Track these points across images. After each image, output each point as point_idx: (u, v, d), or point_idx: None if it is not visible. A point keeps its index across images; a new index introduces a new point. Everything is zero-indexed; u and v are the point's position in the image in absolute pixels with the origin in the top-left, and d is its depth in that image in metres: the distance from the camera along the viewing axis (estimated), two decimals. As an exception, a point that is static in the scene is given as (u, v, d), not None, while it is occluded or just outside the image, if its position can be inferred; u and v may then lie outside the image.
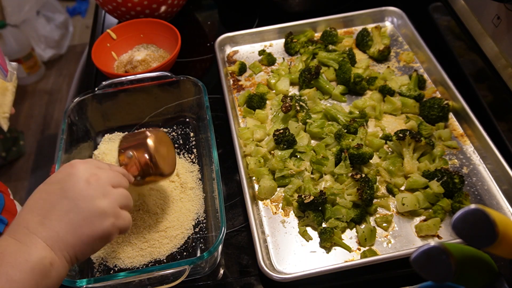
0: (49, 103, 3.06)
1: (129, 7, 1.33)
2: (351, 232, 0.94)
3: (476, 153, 1.05)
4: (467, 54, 1.22)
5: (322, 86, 1.19)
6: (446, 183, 0.95)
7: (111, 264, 0.92)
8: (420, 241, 0.92)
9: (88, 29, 3.41)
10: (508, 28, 1.04)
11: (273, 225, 0.97)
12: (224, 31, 1.35)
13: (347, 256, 0.91)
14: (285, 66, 1.26)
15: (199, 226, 0.97)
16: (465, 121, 1.09)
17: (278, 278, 0.85)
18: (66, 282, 0.78)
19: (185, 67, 1.35)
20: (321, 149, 1.05)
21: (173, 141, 1.13)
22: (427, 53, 1.22)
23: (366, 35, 1.29)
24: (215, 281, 0.91)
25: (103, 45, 1.29)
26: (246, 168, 1.03)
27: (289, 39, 1.31)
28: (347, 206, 0.95)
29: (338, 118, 1.11)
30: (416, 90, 1.15)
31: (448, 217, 0.95)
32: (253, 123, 1.13)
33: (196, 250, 0.94)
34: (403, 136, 1.01)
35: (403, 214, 0.96)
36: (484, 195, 0.98)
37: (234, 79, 1.27)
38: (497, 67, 1.10)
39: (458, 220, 0.54)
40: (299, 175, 1.01)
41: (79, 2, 3.63)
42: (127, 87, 1.11)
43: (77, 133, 1.09)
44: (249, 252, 0.94)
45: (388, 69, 1.22)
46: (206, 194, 1.01)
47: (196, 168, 1.07)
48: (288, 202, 0.99)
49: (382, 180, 1.01)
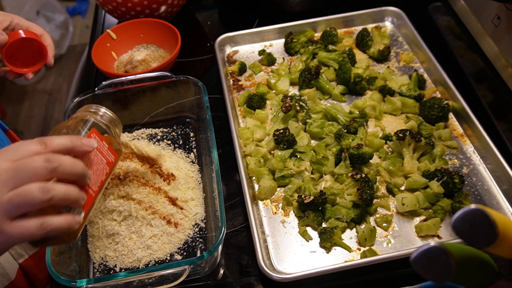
0: (49, 103, 3.06)
1: (129, 7, 1.33)
2: (351, 232, 0.94)
3: (476, 153, 1.05)
4: (467, 54, 1.22)
5: (322, 86, 1.19)
6: (446, 183, 0.95)
7: (111, 264, 0.92)
8: (420, 241, 0.92)
9: (88, 29, 3.41)
10: (508, 28, 1.04)
11: (273, 225, 0.97)
12: (224, 31, 1.35)
13: (347, 256, 0.91)
14: (285, 66, 1.26)
15: (199, 226, 0.97)
16: (465, 121, 1.09)
17: (278, 278, 0.85)
18: (66, 282, 0.78)
19: (185, 67, 1.35)
20: (321, 149, 1.05)
21: (173, 141, 1.13)
22: (427, 53, 1.22)
23: (366, 35, 1.29)
24: (215, 281, 0.91)
25: (103, 45, 1.29)
26: (246, 168, 1.03)
27: (289, 39, 1.31)
28: (347, 206, 0.95)
29: (338, 118, 1.11)
30: (416, 90, 1.15)
31: (448, 217, 0.95)
32: (253, 123, 1.13)
33: (196, 250, 0.94)
34: (403, 136, 1.01)
35: (403, 214, 0.96)
36: (484, 195, 0.98)
37: (234, 79, 1.27)
38: (497, 67, 1.10)
39: (458, 220, 0.54)
40: (299, 175, 1.01)
41: (79, 2, 3.63)
42: (127, 87, 1.11)
43: (77, 133, 1.09)
44: (249, 252, 0.94)
45: (388, 69, 1.22)
46: (206, 194, 1.01)
47: (196, 168, 1.07)
48: (288, 202, 0.99)
49: (382, 180, 1.01)
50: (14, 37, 0.95)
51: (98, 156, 0.74)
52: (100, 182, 0.74)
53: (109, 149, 0.77)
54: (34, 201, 0.59)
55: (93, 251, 0.94)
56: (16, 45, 0.96)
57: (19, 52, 0.98)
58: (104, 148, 0.76)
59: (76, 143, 0.66)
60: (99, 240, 0.94)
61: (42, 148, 0.63)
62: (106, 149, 0.77)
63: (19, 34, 0.96)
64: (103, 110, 0.82)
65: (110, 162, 0.77)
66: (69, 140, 0.66)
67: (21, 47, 0.98)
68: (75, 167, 0.64)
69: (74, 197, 0.64)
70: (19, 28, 0.98)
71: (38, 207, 0.60)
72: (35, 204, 0.60)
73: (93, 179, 0.72)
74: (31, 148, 0.62)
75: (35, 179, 0.60)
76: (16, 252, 0.99)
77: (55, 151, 0.63)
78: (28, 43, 0.98)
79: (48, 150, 0.63)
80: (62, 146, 0.64)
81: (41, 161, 0.60)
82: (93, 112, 0.80)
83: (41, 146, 0.63)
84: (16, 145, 0.63)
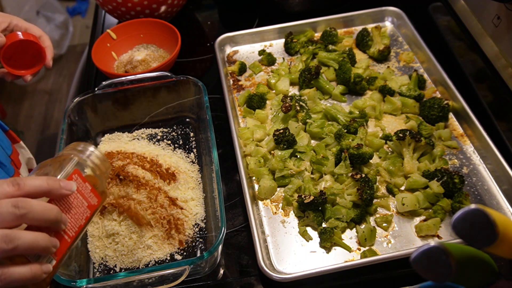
0: (49, 103, 3.06)
1: (129, 7, 1.33)
2: (351, 232, 0.94)
3: (476, 153, 1.05)
4: (467, 54, 1.22)
5: (322, 86, 1.19)
6: (446, 183, 0.95)
7: (111, 264, 0.92)
8: (420, 241, 0.92)
9: (88, 29, 3.40)
10: (508, 28, 1.04)
11: (273, 225, 0.97)
12: (224, 31, 1.35)
13: (347, 256, 0.91)
14: (285, 66, 1.26)
15: (199, 226, 0.97)
16: (465, 121, 1.09)
17: (278, 278, 0.85)
18: (66, 282, 0.78)
19: (185, 67, 1.35)
20: (321, 149, 1.05)
21: (173, 141, 1.13)
22: (427, 53, 1.22)
23: (366, 35, 1.29)
24: (215, 281, 0.91)
25: (103, 45, 1.29)
26: (246, 168, 1.03)
27: (289, 39, 1.31)
28: (347, 206, 0.95)
29: (338, 118, 1.11)
30: (416, 90, 1.15)
31: (448, 217, 0.95)
32: (253, 123, 1.13)
33: (196, 250, 0.94)
34: (403, 136, 1.01)
35: (403, 214, 0.96)
36: (484, 195, 0.98)
37: (234, 79, 1.27)
38: (497, 67, 1.10)
39: (458, 220, 0.54)
40: (299, 175, 1.01)
41: (79, 2, 3.63)
42: (127, 87, 1.11)
43: (77, 133, 1.09)
44: (249, 252, 0.94)
45: (388, 69, 1.22)
46: (206, 194, 1.01)
47: (196, 168, 1.07)
48: (288, 202, 0.99)
49: (382, 180, 1.01)
50: (12, 39, 0.94)
51: (78, 199, 0.69)
52: (79, 227, 0.69)
53: (92, 191, 0.72)
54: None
55: (93, 251, 0.94)
56: (14, 47, 0.95)
57: (17, 54, 0.98)
58: (87, 190, 0.71)
59: (53, 186, 0.61)
60: (99, 240, 0.94)
61: (15, 190, 0.58)
62: (89, 191, 0.71)
63: (17, 36, 0.95)
64: (91, 149, 0.76)
65: (92, 205, 0.72)
66: (45, 182, 0.61)
67: (19, 49, 0.97)
68: (47, 213, 0.59)
69: (43, 246, 0.59)
70: (17, 29, 0.98)
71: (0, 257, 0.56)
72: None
73: (70, 224, 0.66)
74: (3, 189, 0.58)
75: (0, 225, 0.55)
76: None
77: (29, 194, 0.59)
78: (26, 45, 0.97)
79: (20, 193, 0.58)
80: (37, 189, 0.60)
81: (9, 206, 0.56)
82: (80, 151, 0.75)
83: (14, 187, 0.58)
84: None
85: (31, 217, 0.57)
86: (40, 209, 0.58)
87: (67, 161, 0.71)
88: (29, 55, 1.00)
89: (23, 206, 0.57)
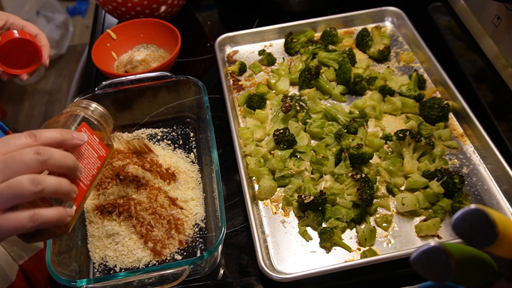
0: (49, 103, 3.06)
1: (129, 7, 1.33)
2: (351, 232, 0.94)
3: (476, 153, 1.05)
4: (467, 54, 1.22)
5: (322, 86, 1.19)
6: (446, 183, 0.95)
7: (111, 264, 0.92)
8: (420, 241, 0.92)
9: (88, 29, 3.40)
10: (508, 28, 1.04)
11: (273, 225, 0.97)
12: (224, 31, 1.35)
13: (347, 256, 0.91)
14: (285, 66, 1.26)
15: (199, 226, 0.97)
16: (465, 121, 1.09)
17: (278, 278, 0.85)
18: (66, 282, 0.78)
19: (185, 67, 1.35)
20: (321, 149, 1.05)
21: (173, 141, 1.13)
22: (427, 53, 1.22)
23: (366, 35, 1.29)
24: (215, 281, 0.91)
25: (103, 45, 1.29)
26: (246, 168, 1.03)
27: (289, 39, 1.31)
28: (347, 206, 0.95)
29: (338, 118, 1.11)
30: (416, 90, 1.15)
31: (448, 217, 0.95)
32: (253, 123, 1.13)
33: (196, 250, 0.94)
34: (403, 136, 1.01)
35: (403, 214, 0.96)
36: (484, 195, 0.98)
37: (234, 79, 1.27)
38: (497, 67, 1.10)
39: (458, 220, 0.54)
40: (299, 175, 1.01)
41: (79, 2, 3.63)
42: (127, 87, 1.11)
43: (77, 133, 1.09)
44: (249, 252, 0.94)
45: (388, 69, 1.22)
46: (206, 194, 1.01)
47: (196, 168, 1.07)
48: (288, 202, 0.99)
49: (382, 180, 1.01)
50: (7, 37, 0.94)
51: (88, 150, 0.74)
52: (92, 176, 0.74)
53: (100, 143, 0.77)
54: (25, 193, 0.59)
55: (93, 251, 0.94)
56: (10, 45, 0.95)
57: (13, 52, 0.97)
58: (95, 142, 0.76)
59: (66, 136, 0.66)
60: (99, 240, 0.94)
61: (32, 141, 0.62)
62: (97, 143, 0.77)
63: (13, 34, 0.95)
64: (94, 105, 0.81)
65: (101, 156, 0.77)
66: (59, 133, 0.65)
67: (15, 47, 0.96)
68: (66, 160, 0.64)
69: (65, 190, 0.64)
70: (14, 28, 0.97)
71: (29, 199, 0.60)
72: (25, 196, 0.59)
73: (84, 173, 0.71)
74: (21, 141, 0.62)
75: (25, 172, 0.59)
76: (16, 253, 0.99)
77: (45, 144, 0.63)
78: (22, 43, 0.96)
79: (38, 143, 0.62)
80: (52, 139, 0.64)
81: (32, 154, 0.60)
82: (84, 107, 0.80)
83: (31, 139, 0.62)
84: (6, 138, 0.62)
85: (52, 163, 0.62)
86: (59, 155, 0.63)
87: (73, 116, 0.76)
88: (25, 54, 0.99)
89: (44, 153, 0.61)
